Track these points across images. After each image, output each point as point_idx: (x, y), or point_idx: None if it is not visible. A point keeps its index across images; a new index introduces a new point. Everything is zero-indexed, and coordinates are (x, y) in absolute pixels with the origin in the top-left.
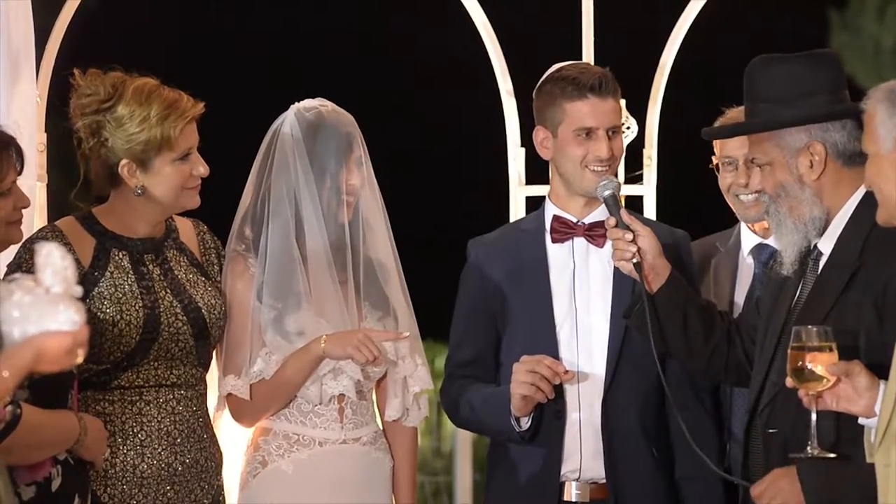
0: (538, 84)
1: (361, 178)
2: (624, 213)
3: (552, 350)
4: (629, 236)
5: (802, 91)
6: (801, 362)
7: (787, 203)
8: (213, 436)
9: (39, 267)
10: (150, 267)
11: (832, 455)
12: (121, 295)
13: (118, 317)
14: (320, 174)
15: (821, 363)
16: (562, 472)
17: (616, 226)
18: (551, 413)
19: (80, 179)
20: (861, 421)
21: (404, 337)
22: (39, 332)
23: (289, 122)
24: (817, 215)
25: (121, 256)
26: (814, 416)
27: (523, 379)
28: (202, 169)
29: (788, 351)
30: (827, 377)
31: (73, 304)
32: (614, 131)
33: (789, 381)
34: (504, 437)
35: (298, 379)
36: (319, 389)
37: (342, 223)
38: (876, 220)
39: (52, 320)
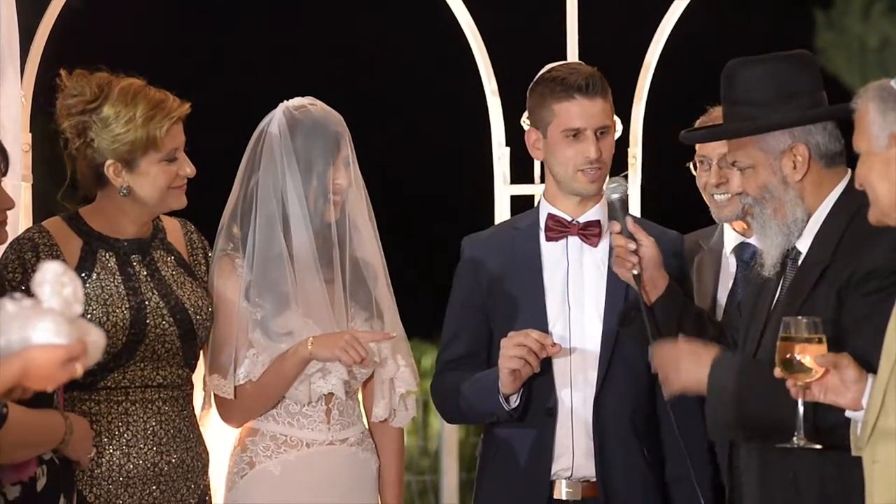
0: (531, 85)
1: (348, 178)
2: (629, 222)
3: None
4: (632, 246)
5: (783, 93)
6: (789, 353)
7: (771, 205)
8: (200, 436)
9: (37, 282)
10: (137, 268)
11: (818, 446)
12: (107, 296)
13: (104, 318)
14: (307, 173)
15: (809, 354)
16: (554, 470)
17: (620, 232)
18: (543, 410)
19: (64, 180)
20: (847, 414)
21: (392, 337)
22: (31, 346)
23: (276, 119)
24: (799, 216)
25: (108, 257)
26: (800, 408)
27: (511, 353)
28: (188, 169)
29: (777, 342)
30: (815, 368)
31: (60, 318)
32: (603, 132)
33: (777, 372)
34: (494, 418)
35: (286, 380)
36: (308, 389)
37: (328, 222)
38: (851, 218)
39: (31, 329)
